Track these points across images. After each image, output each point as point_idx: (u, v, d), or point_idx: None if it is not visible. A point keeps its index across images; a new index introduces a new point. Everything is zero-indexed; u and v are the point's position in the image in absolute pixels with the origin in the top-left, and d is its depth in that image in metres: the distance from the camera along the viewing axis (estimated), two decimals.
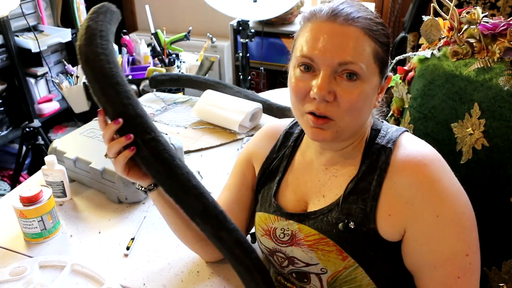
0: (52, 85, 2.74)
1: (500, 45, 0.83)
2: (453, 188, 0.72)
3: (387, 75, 0.77)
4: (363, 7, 0.74)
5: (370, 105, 0.75)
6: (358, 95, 0.70)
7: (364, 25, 0.70)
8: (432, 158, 0.73)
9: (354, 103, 0.71)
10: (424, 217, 0.71)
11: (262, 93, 1.81)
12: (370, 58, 0.71)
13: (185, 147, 1.33)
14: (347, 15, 0.70)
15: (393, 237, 0.74)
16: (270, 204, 0.86)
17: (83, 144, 1.21)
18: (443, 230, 0.70)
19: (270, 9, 2.08)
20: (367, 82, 0.71)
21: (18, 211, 0.97)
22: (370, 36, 0.71)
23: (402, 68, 1.05)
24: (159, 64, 2.32)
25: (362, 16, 0.71)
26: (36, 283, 0.88)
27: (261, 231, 0.87)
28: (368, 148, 0.78)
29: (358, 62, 0.69)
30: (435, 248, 0.71)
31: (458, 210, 0.71)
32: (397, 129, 0.79)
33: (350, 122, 0.73)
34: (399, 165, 0.73)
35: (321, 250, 0.77)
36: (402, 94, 1.05)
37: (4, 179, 2.53)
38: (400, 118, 1.08)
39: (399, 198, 0.72)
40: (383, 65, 0.74)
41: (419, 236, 0.72)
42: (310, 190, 0.83)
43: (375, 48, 0.71)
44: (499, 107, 0.82)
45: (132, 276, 0.92)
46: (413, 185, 0.71)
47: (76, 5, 2.75)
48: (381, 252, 0.75)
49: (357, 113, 0.73)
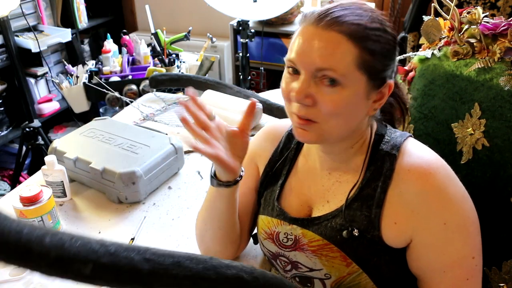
0: (52, 85, 2.74)
1: (501, 45, 0.83)
2: (458, 194, 0.72)
3: (386, 83, 0.73)
4: (361, 11, 0.70)
5: (359, 111, 0.72)
6: (338, 101, 0.69)
7: (349, 30, 0.67)
8: (438, 166, 0.73)
9: (334, 109, 0.69)
10: (431, 225, 0.71)
11: (262, 93, 1.81)
12: (351, 66, 0.67)
13: (185, 147, 1.33)
14: (333, 19, 0.68)
15: (398, 244, 0.74)
16: (273, 207, 0.85)
17: (83, 144, 1.21)
18: (451, 236, 0.71)
19: (270, 9, 2.08)
20: (349, 89, 0.68)
21: (18, 211, 0.97)
22: (353, 42, 0.67)
23: (402, 68, 1.05)
24: (159, 64, 2.32)
25: (350, 20, 0.68)
26: (36, 283, 0.88)
27: (264, 234, 0.86)
28: (372, 154, 0.77)
29: (334, 68, 0.67)
30: (443, 253, 0.72)
31: (464, 215, 0.72)
32: (401, 134, 0.78)
33: (336, 126, 0.71)
34: (405, 173, 0.73)
35: (325, 256, 0.77)
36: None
37: (4, 179, 2.53)
38: (400, 118, 1.08)
39: (405, 206, 0.72)
40: (373, 73, 0.70)
41: (426, 243, 0.72)
42: (314, 195, 0.82)
43: (359, 55, 0.67)
44: (499, 107, 0.81)
45: None
46: (419, 194, 0.71)
47: (76, 5, 2.76)
48: (385, 258, 0.75)
49: (342, 119, 0.71)
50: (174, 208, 1.13)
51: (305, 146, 0.86)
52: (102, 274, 0.41)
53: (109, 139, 1.23)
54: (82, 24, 2.86)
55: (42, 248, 0.39)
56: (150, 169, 1.14)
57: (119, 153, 1.17)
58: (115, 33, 2.61)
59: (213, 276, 0.46)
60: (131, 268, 0.42)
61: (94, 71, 2.27)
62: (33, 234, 0.39)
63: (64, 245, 0.40)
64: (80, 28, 2.83)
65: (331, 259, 0.76)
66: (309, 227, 0.79)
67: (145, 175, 1.12)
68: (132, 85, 2.16)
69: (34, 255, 0.39)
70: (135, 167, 1.10)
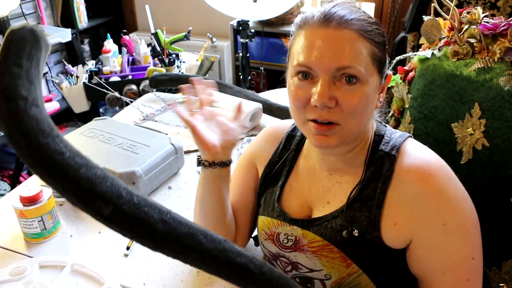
0: (52, 85, 2.74)
1: (501, 45, 0.83)
2: (458, 195, 0.72)
3: (386, 74, 0.76)
4: (356, 8, 0.73)
5: (372, 105, 0.74)
6: (359, 97, 0.70)
7: (358, 27, 0.69)
8: (437, 166, 0.72)
9: (356, 106, 0.70)
10: (431, 226, 0.71)
11: (262, 93, 1.81)
12: (367, 60, 0.70)
13: (185, 147, 1.33)
14: (340, 18, 0.69)
15: (397, 245, 0.74)
16: (274, 208, 0.85)
17: (83, 144, 1.21)
18: (451, 237, 0.71)
19: (270, 9, 2.08)
20: (367, 83, 0.70)
21: (18, 211, 0.97)
22: (365, 37, 0.70)
23: (402, 68, 1.05)
24: (159, 64, 2.32)
25: (356, 17, 0.70)
26: (36, 283, 0.88)
27: (264, 235, 0.86)
28: (372, 154, 0.77)
29: (355, 65, 0.68)
30: (443, 254, 0.72)
31: (463, 216, 0.72)
32: (401, 134, 0.78)
33: (355, 125, 0.72)
34: (404, 174, 0.73)
35: (325, 257, 0.77)
36: (403, 94, 1.05)
37: (4, 179, 2.53)
38: (400, 118, 1.08)
39: (405, 207, 0.72)
40: (381, 64, 0.73)
41: (426, 244, 0.72)
42: (314, 196, 0.82)
43: (371, 49, 0.70)
44: (499, 107, 0.81)
45: (132, 276, 0.92)
46: (419, 195, 0.71)
47: (76, 5, 2.76)
48: (385, 259, 0.75)
49: (361, 115, 0.72)
50: (174, 208, 1.13)
51: (305, 147, 0.86)
52: (118, 219, 0.42)
53: (109, 139, 1.23)
54: (82, 24, 2.86)
55: (75, 175, 0.40)
56: (150, 169, 1.14)
57: (119, 153, 1.17)
58: (115, 33, 2.61)
59: (222, 258, 0.46)
60: (147, 224, 0.42)
61: (94, 71, 2.27)
62: (73, 159, 0.41)
63: (95, 180, 0.41)
64: (80, 28, 2.84)
65: (331, 260, 0.76)
66: (309, 228, 0.79)
67: (145, 175, 1.12)
68: (132, 85, 2.16)
69: (67, 180, 0.40)
70: (135, 167, 1.10)
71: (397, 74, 1.06)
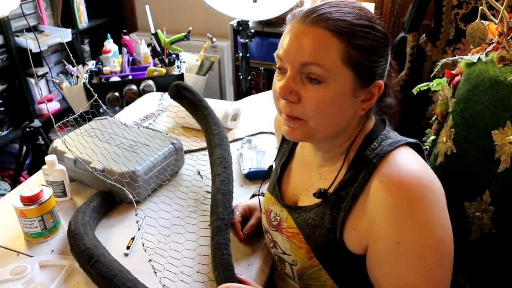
0: (52, 85, 2.74)
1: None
2: (429, 218, 0.66)
3: (374, 82, 0.72)
4: (349, 8, 0.71)
5: (345, 110, 0.72)
6: (322, 99, 0.69)
7: (335, 26, 0.68)
8: (416, 182, 0.67)
9: (318, 106, 0.70)
10: (385, 241, 0.68)
11: (262, 93, 1.81)
12: (336, 60, 0.68)
13: (185, 147, 1.33)
14: (319, 15, 0.69)
15: (357, 250, 0.74)
16: (274, 187, 0.92)
17: (83, 144, 1.21)
18: (401, 259, 0.67)
19: (270, 9, 2.08)
20: (333, 86, 0.69)
21: (18, 210, 0.97)
22: (339, 37, 0.68)
23: (449, 72, 1.01)
24: (159, 64, 2.32)
25: (337, 17, 0.69)
26: (36, 282, 0.89)
27: (263, 208, 0.94)
28: (357, 157, 0.76)
29: (319, 63, 0.67)
30: (390, 272, 0.69)
31: (425, 243, 0.66)
32: (393, 142, 0.74)
33: (321, 124, 0.72)
34: (376, 183, 0.70)
35: (294, 244, 0.82)
36: (447, 98, 1.02)
37: (5, 179, 2.53)
38: (443, 122, 1.04)
39: (368, 216, 0.71)
40: (360, 69, 0.70)
41: (379, 256, 0.71)
42: (302, 185, 0.87)
43: (345, 50, 0.68)
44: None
45: None
46: (383, 207, 0.68)
47: (76, 5, 2.76)
48: (346, 262, 0.75)
49: (327, 116, 0.71)
50: (174, 208, 1.13)
51: None
52: None
53: (109, 139, 1.24)
54: (82, 24, 2.86)
55: None
56: (150, 169, 1.14)
57: (119, 153, 1.17)
58: (115, 33, 2.61)
59: None
60: None
61: (94, 71, 2.27)
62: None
63: None
64: (80, 28, 2.84)
65: (298, 249, 0.81)
66: (292, 214, 0.84)
67: (145, 175, 1.12)
68: (132, 85, 2.17)
69: None
70: (135, 167, 1.10)
71: (444, 78, 1.03)
